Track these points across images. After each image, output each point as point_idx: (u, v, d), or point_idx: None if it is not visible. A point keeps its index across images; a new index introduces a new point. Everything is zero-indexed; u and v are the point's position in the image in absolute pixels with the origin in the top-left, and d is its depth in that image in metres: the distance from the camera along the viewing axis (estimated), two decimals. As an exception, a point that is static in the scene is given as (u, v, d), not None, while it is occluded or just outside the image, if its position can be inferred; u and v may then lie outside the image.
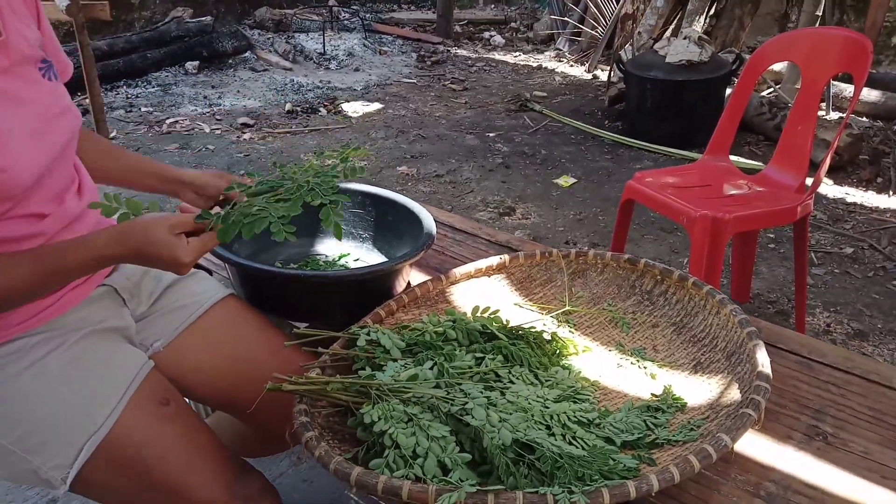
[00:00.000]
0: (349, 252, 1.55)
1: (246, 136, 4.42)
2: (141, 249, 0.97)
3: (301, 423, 1.00)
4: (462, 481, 0.90)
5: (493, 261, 1.40)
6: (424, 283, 1.34)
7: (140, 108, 4.91)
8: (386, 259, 1.51)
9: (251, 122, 4.68)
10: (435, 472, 0.93)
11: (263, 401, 1.24)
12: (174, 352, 1.21)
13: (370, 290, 1.30)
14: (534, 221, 3.40)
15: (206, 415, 1.71)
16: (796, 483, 1.00)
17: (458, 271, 1.38)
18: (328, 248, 1.58)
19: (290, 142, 4.38)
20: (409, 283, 1.41)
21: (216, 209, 1.18)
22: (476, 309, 1.26)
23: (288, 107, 4.97)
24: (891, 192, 3.73)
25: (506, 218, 3.44)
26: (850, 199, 3.67)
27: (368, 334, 1.16)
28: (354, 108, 5.10)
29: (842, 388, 1.20)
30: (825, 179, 3.79)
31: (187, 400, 1.66)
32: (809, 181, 2.22)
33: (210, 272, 1.59)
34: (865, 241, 3.21)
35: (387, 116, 4.97)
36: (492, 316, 1.25)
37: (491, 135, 4.62)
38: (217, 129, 4.55)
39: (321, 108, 5.04)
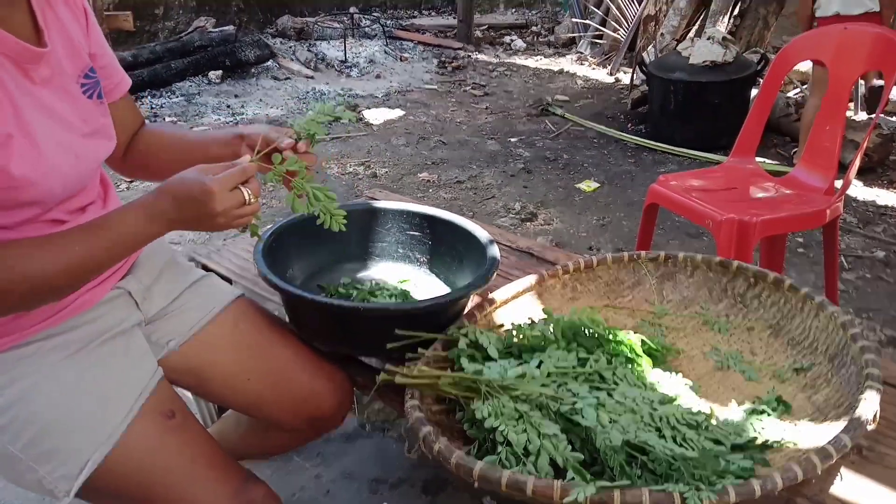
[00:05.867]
0: (409, 277, 1.50)
1: (268, 145, 4.45)
2: (176, 193, 0.96)
3: (417, 419, 0.99)
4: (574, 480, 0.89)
5: (580, 262, 1.41)
6: (512, 283, 1.35)
7: (164, 118, 4.96)
8: (444, 283, 1.48)
9: (273, 130, 4.70)
10: (548, 471, 0.93)
11: (274, 397, 1.27)
12: (190, 349, 1.23)
13: (436, 318, 1.23)
14: (556, 227, 3.37)
15: (211, 421, 1.71)
16: (830, 499, 0.96)
17: (547, 273, 1.38)
18: (381, 272, 1.52)
19: (311, 149, 4.39)
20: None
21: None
22: (574, 310, 1.27)
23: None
24: (923, 193, 3.64)
25: (527, 224, 3.41)
26: (880, 202, 3.59)
27: (467, 335, 1.17)
28: (376, 116, 5.11)
29: (877, 398, 1.16)
30: (854, 181, 3.70)
31: (199, 402, 1.68)
32: (838, 183, 2.17)
33: (230, 281, 1.59)
34: (898, 243, 3.13)
35: (408, 123, 4.97)
36: (589, 317, 1.24)
37: (512, 140, 4.60)
38: (239, 137, 4.58)
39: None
